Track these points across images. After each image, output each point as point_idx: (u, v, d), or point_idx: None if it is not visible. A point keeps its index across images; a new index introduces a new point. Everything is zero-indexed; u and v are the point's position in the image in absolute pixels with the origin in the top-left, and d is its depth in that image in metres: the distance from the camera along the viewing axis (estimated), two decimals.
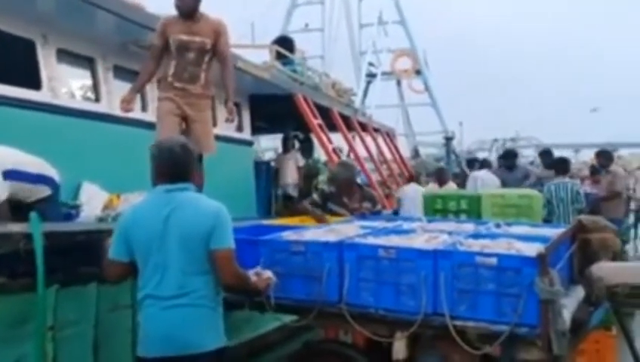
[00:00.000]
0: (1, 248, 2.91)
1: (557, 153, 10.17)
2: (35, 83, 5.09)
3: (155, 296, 2.71)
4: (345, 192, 5.20)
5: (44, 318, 3.10)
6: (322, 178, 11.40)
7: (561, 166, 7.81)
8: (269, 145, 18.60)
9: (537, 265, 2.79)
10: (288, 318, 3.70)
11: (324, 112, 9.34)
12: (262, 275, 3.11)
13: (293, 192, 9.58)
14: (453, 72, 69.73)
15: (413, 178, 9.68)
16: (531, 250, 2.99)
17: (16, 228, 3.03)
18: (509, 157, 9.34)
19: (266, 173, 9.82)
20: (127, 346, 3.59)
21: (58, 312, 3.18)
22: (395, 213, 7.93)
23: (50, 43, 5.22)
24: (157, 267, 2.71)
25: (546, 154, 9.90)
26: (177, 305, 2.68)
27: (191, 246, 2.71)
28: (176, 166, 2.81)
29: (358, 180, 5.53)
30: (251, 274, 3.09)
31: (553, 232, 3.63)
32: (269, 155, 15.99)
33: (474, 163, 11.39)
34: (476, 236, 3.56)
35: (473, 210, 6.44)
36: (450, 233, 3.68)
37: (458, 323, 2.93)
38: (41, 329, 3.08)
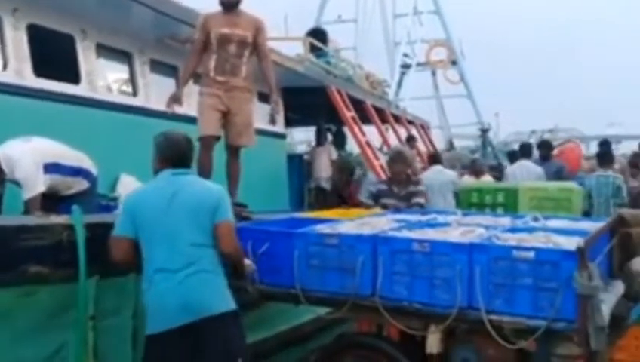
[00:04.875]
0: (45, 239, 2.99)
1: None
2: (74, 77, 5.21)
3: (166, 269, 2.86)
4: (396, 181, 5.26)
5: (86, 308, 3.18)
6: (360, 171, 11.30)
7: (604, 158, 7.49)
8: (301, 137, 18.63)
9: (576, 259, 2.74)
10: (322, 310, 3.73)
11: (358, 104, 9.29)
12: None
13: (326, 185, 9.59)
14: (491, 61, 68.50)
15: (435, 159, 7.79)
16: (570, 243, 2.93)
17: (58, 219, 3.11)
18: (542, 148, 8.66)
19: (299, 166, 9.85)
20: None
21: (99, 302, 3.27)
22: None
23: (89, 38, 5.33)
24: (164, 239, 2.89)
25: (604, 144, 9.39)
26: (189, 274, 2.86)
27: (199, 218, 2.94)
28: (183, 154, 3.14)
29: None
30: None
31: (592, 226, 3.55)
32: (301, 148, 16.02)
33: (516, 155, 9.67)
34: (513, 230, 3.51)
35: (510, 203, 6.31)
36: (486, 227, 3.63)
37: (494, 317, 2.90)
38: (82, 318, 3.17)
